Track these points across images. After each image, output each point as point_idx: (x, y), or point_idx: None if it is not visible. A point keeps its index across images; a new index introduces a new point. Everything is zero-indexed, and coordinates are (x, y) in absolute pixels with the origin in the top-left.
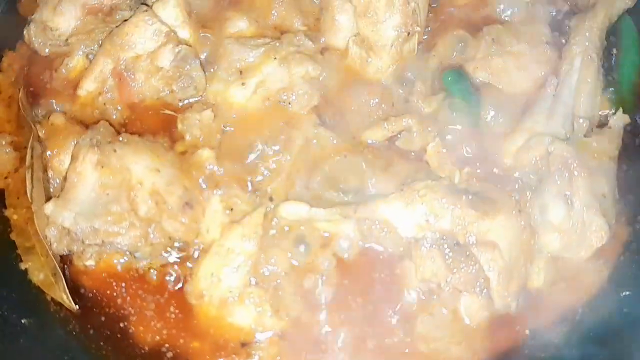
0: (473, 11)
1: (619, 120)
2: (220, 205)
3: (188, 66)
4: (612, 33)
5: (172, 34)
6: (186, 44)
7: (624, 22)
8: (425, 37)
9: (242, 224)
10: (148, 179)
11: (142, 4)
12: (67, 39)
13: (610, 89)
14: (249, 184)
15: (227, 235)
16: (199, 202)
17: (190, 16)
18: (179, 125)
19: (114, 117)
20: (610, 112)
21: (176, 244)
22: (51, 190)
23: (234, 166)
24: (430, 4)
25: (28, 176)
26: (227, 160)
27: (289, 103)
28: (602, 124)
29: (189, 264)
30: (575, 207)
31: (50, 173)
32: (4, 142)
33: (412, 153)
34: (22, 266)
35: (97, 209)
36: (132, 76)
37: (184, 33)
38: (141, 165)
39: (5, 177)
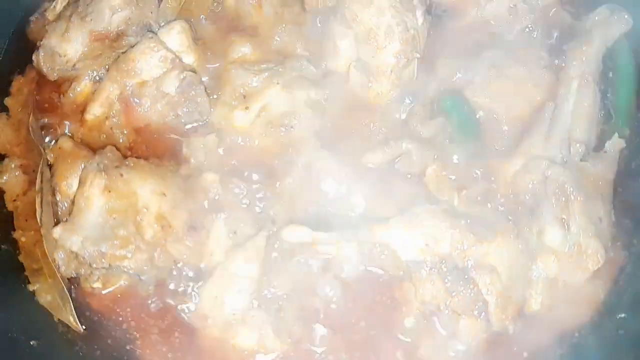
0: (472, 36)
1: (615, 144)
2: (225, 229)
3: (193, 92)
4: (609, 56)
5: (177, 60)
6: (191, 70)
7: (620, 46)
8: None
9: (245, 247)
10: (154, 203)
11: (148, 31)
12: (74, 64)
13: (607, 111)
14: (252, 207)
15: (231, 259)
16: (204, 225)
17: (196, 42)
18: (184, 149)
19: (121, 140)
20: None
21: (181, 267)
22: (59, 213)
23: (237, 189)
24: (430, 29)
25: (38, 200)
26: (231, 184)
27: (292, 127)
28: (598, 147)
29: (193, 287)
30: (571, 230)
31: (58, 196)
32: (13, 166)
33: (411, 176)
34: (30, 288)
35: (104, 233)
36: (138, 101)
37: (189, 58)
38: (147, 190)
39: (14, 200)
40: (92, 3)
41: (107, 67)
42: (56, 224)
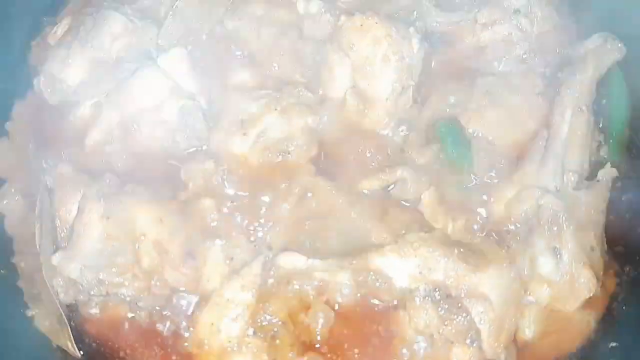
0: (467, 63)
1: (607, 174)
2: (221, 255)
3: (191, 119)
4: (602, 84)
5: (176, 87)
6: (190, 96)
7: (613, 74)
8: (420, 88)
9: (241, 274)
10: (151, 229)
11: (148, 57)
12: (75, 90)
13: (600, 140)
14: (249, 233)
15: (227, 286)
16: (201, 251)
17: (195, 68)
18: (182, 175)
19: (120, 166)
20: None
21: (177, 294)
22: (58, 239)
23: (234, 215)
24: (425, 57)
25: (37, 227)
26: (227, 209)
27: (289, 153)
28: (591, 176)
29: (189, 313)
30: (564, 260)
31: (57, 222)
32: (13, 190)
33: (407, 202)
34: (29, 313)
35: (103, 261)
36: (137, 128)
37: (188, 85)
38: (145, 216)
39: (14, 225)
40: (93, 30)
41: (107, 92)
42: (55, 250)
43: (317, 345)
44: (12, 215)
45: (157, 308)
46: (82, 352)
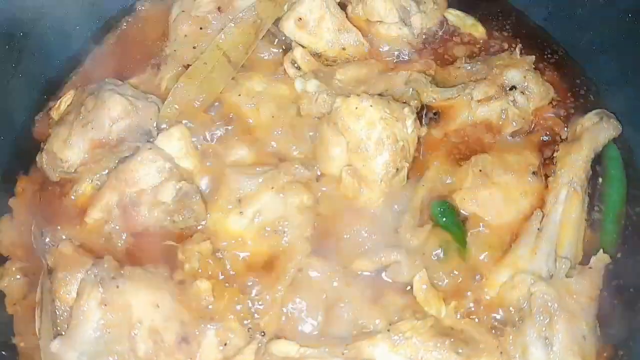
0: (462, 140)
1: (600, 261)
2: (215, 340)
3: (189, 200)
4: (598, 162)
5: (175, 169)
6: (188, 175)
7: (609, 151)
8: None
9: None
10: (147, 316)
11: (148, 140)
12: (76, 169)
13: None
14: (243, 316)
15: None
16: (195, 336)
17: (193, 146)
18: (179, 255)
19: (119, 245)
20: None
21: None
22: (58, 320)
23: (229, 298)
24: (420, 135)
25: (37, 313)
26: (223, 292)
27: (284, 232)
28: (584, 260)
29: None
30: (554, 350)
31: (57, 302)
32: (14, 269)
33: (400, 285)
34: None
35: (100, 348)
36: (136, 208)
37: (187, 163)
38: (141, 301)
39: (14, 304)
40: (93, 110)
41: (107, 169)
42: (55, 335)
43: None
44: (13, 294)
45: None
46: None
